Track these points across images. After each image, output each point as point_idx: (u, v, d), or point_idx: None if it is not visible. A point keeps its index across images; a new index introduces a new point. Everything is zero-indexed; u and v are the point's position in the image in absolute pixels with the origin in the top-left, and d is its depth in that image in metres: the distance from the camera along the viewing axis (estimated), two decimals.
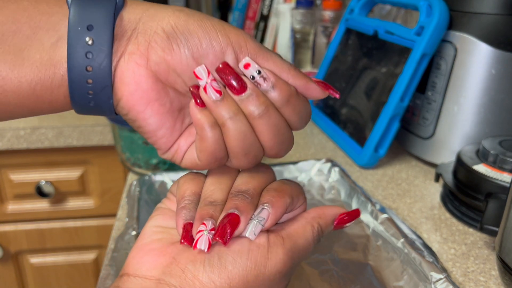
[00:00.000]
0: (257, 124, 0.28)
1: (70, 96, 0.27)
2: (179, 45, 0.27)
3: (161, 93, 0.28)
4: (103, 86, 0.27)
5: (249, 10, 1.28)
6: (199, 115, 0.28)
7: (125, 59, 0.27)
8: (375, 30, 0.76)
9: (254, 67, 0.28)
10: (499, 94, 0.62)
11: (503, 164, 0.53)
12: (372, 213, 0.51)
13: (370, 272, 0.45)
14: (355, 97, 0.78)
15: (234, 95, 0.27)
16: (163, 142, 0.30)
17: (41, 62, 0.26)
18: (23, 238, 0.96)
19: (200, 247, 0.26)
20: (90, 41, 0.26)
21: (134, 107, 0.28)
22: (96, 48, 0.26)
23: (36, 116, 0.29)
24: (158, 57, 0.27)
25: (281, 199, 0.29)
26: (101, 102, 0.28)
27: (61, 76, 0.27)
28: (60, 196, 0.95)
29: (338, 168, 0.61)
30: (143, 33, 0.27)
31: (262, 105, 0.27)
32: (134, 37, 0.27)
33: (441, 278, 0.40)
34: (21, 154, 0.90)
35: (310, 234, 0.30)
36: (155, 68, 0.27)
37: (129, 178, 0.68)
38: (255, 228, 0.28)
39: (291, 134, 0.30)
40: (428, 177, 0.68)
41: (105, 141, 0.89)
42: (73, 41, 0.26)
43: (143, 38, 0.27)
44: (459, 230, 0.55)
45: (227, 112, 0.27)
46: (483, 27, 0.62)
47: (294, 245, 0.29)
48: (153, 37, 0.27)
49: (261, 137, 0.28)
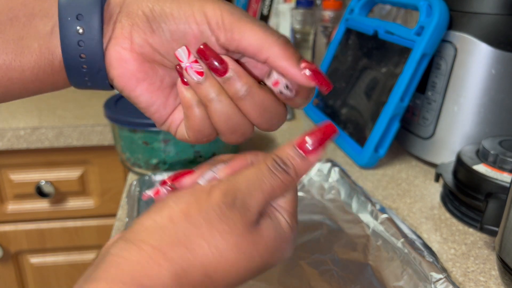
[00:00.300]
0: (242, 104, 0.28)
1: (69, 79, 0.29)
2: (158, 28, 0.27)
3: (149, 73, 0.29)
4: (97, 70, 0.28)
5: (249, 10, 1.28)
6: (184, 93, 0.29)
7: (112, 44, 0.28)
8: (375, 30, 0.76)
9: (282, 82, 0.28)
10: (499, 94, 0.62)
11: (503, 164, 0.53)
12: (372, 213, 0.51)
13: (370, 272, 0.45)
14: (355, 97, 0.78)
15: (217, 77, 0.28)
16: (157, 116, 0.31)
17: (40, 50, 0.28)
18: (23, 238, 0.96)
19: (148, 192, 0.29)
20: (81, 29, 0.27)
21: (125, 87, 0.29)
22: (87, 37, 0.27)
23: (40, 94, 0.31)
24: (141, 40, 0.28)
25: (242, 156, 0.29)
26: (98, 83, 0.29)
27: (59, 63, 0.28)
28: (60, 196, 0.95)
29: (338, 168, 0.61)
30: (126, 16, 0.28)
31: (245, 85, 0.27)
32: (119, 20, 0.28)
33: (441, 278, 0.40)
34: (21, 154, 0.90)
35: (263, 163, 0.27)
36: (140, 50, 0.28)
37: (129, 178, 0.68)
38: (206, 174, 0.28)
39: (281, 109, 0.29)
40: (428, 177, 0.68)
41: (105, 141, 0.89)
42: (64, 31, 0.27)
43: (126, 22, 0.28)
44: (459, 230, 0.55)
45: (209, 93, 0.28)
46: (483, 27, 0.62)
47: (240, 177, 0.26)
48: (135, 20, 0.28)
49: (248, 116, 0.29)
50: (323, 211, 0.55)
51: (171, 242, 0.25)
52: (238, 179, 0.26)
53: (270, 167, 0.27)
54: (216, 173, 0.28)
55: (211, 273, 0.25)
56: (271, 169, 0.27)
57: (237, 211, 0.25)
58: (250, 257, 0.26)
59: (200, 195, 0.26)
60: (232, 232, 0.25)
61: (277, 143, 0.80)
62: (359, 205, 0.54)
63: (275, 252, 0.27)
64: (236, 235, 0.25)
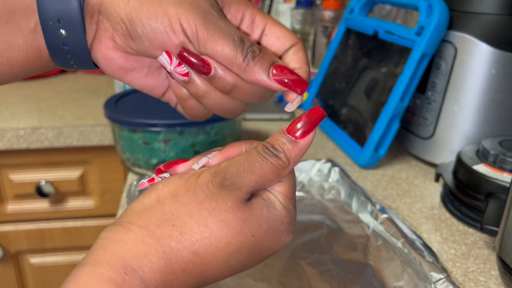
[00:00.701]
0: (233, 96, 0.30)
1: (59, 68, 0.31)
2: (137, 37, 0.28)
3: (135, 64, 0.30)
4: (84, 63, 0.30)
5: None
6: (177, 90, 0.31)
7: (96, 44, 0.29)
8: (375, 30, 0.76)
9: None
10: (499, 94, 0.62)
11: (503, 164, 0.53)
12: (372, 213, 0.51)
13: (370, 272, 0.45)
14: (355, 97, 0.78)
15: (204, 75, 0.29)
16: (154, 94, 0.32)
17: (26, 46, 0.28)
18: (23, 238, 0.96)
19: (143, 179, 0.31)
20: (64, 32, 0.28)
21: (114, 76, 0.31)
22: (71, 40, 0.28)
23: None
24: (123, 43, 0.29)
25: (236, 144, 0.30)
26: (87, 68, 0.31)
27: (47, 57, 0.29)
28: (60, 196, 0.95)
29: (338, 168, 0.61)
30: (107, 18, 0.28)
31: (231, 79, 0.29)
32: (101, 21, 0.28)
33: (441, 278, 0.40)
34: (21, 154, 0.90)
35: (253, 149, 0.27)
36: (123, 49, 0.29)
37: (129, 178, 0.68)
38: (200, 160, 0.28)
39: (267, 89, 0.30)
40: (428, 177, 0.68)
41: (105, 141, 0.89)
42: (48, 34, 0.28)
43: (107, 24, 0.28)
44: (459, 230, 0.55)
45: (198, 90, 0.29)
46: (483, 27, 0.62)
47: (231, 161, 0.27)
48: (115, 26, 0.28)
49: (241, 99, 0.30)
50: (323, 211, 0.55)
51: (158, 221, 0.25)
52: (229, 163, 0.27)
53: (261, 152, 0.27)
54: (210, 159, 0.28)
55: (201, 251, 0.24)
56: (261, 153, 0.27)
57: (226, 190, 0.25)
58: (241, 234, 0.25)
59: (189, 177, 0.26)
60: (220, 208, 0.25)
61: None
62: (359, 205, 0.54)
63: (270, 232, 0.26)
64: (225, 211, 0.25)
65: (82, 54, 0.29)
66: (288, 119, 0.91)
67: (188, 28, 0.27)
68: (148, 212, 0.25)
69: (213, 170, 0.26)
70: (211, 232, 0.24)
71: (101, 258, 0.23)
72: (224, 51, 0.27)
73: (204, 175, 0.26)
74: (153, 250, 0.24)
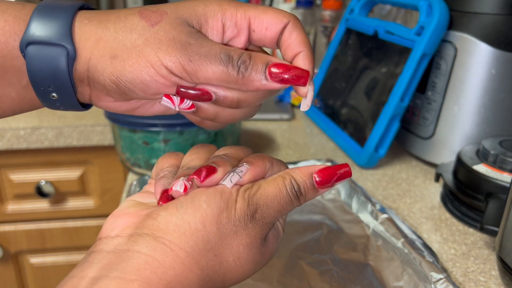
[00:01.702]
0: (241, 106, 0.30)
1: None
2: (131, 91, 0.28)
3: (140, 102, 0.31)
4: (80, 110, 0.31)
5: None
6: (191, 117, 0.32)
7: (95, 100, 0.30)
8: (375, 30, 0.76)
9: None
10: (499, 94, 0.62)
11: (503, 164, 0.53)
12: (372, 213, 0.51)
13: (370, 272, 0.45)
14: (355, 97, 0.78)
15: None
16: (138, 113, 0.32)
17: (19, 98, 0.29)
18: (23, 238, 0.96)
19: (175, 188, 0.27)
20: (55, 94, 0.28)
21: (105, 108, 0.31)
22: (63, 101, 0.29)
23: None
24: (120, 97, 0.29)
25: (261, 160, 0.29)
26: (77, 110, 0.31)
27: (40, 105, 0.30)
28: (60, 196, 0.95)
29: None
30: (97, 83, 0.28)
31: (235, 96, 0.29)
32: (92, 85, 0.29)
33: (441, 278, 0.40)
34: (21, 154, 0.90)
35: (281, 183, 0.29)
36: (123, 100, 0.30)
37: (129, 178, 0.68)
38: (232, 177, 0.28)
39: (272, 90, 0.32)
40: (428, 177, 0.68)
41: (105, 141, 0.89)
42: (40, 96, 0.29)
43: (99, 87, 0.28)
44: (459, 230, 0.55)
45: (208, 115, 0.30)
46: (483, 27, 0.62)
47: (261, 191, 0.28)
48: (107, 88, 0.28)
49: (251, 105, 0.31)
50: (323, 211, 0.55)
51: (204, 249, 0.26)
52: (260, 193, 0.28)
53: (288, 191, 0.29)
54: (241, 177, 0.28)
55: (228, 279, 0.27)
56: (288, 193, 0.29)
57: (257, 225, 0.28)
58: (258, 265, 0.29)
59: (229, 202, 0.27)
60: (252, 245, 0.27)
61: (277, 143, 0.80)
62: (359, 205, 0.54)
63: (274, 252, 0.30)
64: (255, 248, 0.28)
65: (77, 108, 0.30)
66: (289, 120, 0.91)
67: (174, 68, 0.27)
68: (194, 236, 0.25)
69: (247, 200, 0.27)
70: (241, 265, 0.27)
71: (150, 279, 0.23)
72: (216, 74, 0.27)
73: (240, 204, 0.27)
74: (196, 278, 0.25)
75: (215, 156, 0.30)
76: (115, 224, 0.27)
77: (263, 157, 0.30)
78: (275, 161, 0.31)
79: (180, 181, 0.27)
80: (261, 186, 0.28)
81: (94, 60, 0.27)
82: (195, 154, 0.31)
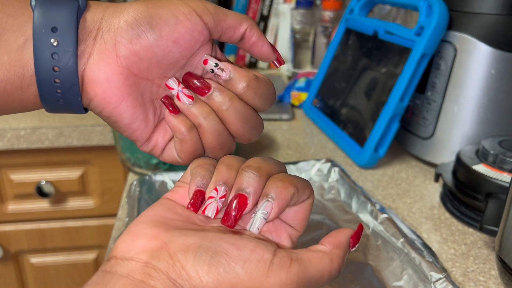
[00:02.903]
0: (226, 116, 0.30)
1: (40, 95, 0.28)
2: (145, 30, 0.28)
3: (133, 87, 0.29)
4: (70, 84, 0.28)
5: (249, 11, 1.28)
6: (175, 122, 0.31)
7: (94, 60, 0.28)
8: (375, 30, 0.76)
9: (212, 61, 0.31)
10: (499, 94, 0.62)
11: (503, 164, 0.53)
12: (372, 213, 0.51)
13: (370, 272, 0.45)
14: (355, 97, 0.78)
15: (201, 97, 0.30)
16: (139, 134, 0.31)
17: (10, 63, 0.27)
18: (23, 238, 0.96)
19: (208, 213, 0.28)
20: (55, 42, 0.27)
21: (109, 104, 0.29)
22: (62, 49, 0.27)
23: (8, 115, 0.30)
24: (127, 50, 0.28)
25: (285, 189, 0.28)
26: (70, 100, 0.29)
27: (30, 76, 0.28)
28: (60, 196, 0.95)
29: (338, 168, 0.61)
30: (108, 30, 0.28)
31: (227, 97, 0.30)
32: (100, 36, 0.28)
33: (441, 278, 0.40)
34: (21, 154, 0.90)
35: (327, 267, 0.28)
36: (126, 62, 0.28)
37: (129, 178, 0.68)
38: (259, 223, 0.28)
39: (258, 118, 0.32)
40: (428, 177, 0.68)
41: (105, 141, 0.89)
42: (38, 42, 0.27)
43: (108, 36, 0.28)
44: (459, 230, 0.55)
45: (200, 113, 0.30)
46: (483, 27, 0.62)
47: (303, 271, 0.27)
48: (118, 32, 0.28)
49: (231, 128, 0.31)
50: (323, 211, 0.55)
51: None
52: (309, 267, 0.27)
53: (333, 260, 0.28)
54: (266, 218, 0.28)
55: None
56: (332, 261, 0.28)
57: None
58: None
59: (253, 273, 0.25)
60: None
61: (277, 143, 0.80)
62: (359, 205, 0.54)
63: None
64: None
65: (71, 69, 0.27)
66: (289, 120, 0.91)
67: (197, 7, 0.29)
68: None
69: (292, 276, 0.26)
70: None
71: None
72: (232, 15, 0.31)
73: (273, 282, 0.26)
74: None
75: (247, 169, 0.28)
76: (132, 245, 0.26)
77: (288, 184, 0.28)
78: (300, 185, 0.29)
79: (214, 204, 0.28)
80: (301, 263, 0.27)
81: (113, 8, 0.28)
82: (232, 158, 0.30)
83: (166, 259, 0.25)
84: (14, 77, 0.27)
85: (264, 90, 0.31)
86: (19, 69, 0.27)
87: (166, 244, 0.26)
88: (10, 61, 0.27)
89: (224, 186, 0.28)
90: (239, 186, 0.28)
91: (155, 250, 0.25)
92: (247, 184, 0.28)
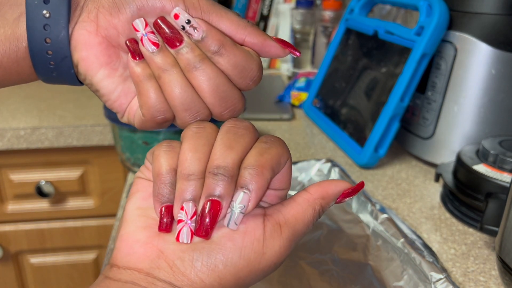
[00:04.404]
0: (194, 77, 0.28)
1: (34, 67, 0.28)
2: (125, 6, 0.28)
3: (113, 57, 0.29)
4: (62, 57, 0.28)
5: (249, 10, 1.28)
6: (135, 68, 0.28)
7: (77, 27, 0.28)
8: (375, 30, 0.76)
9: (183, 16, 0.28)
10: (499, 94, 0.62)
11: (503, 164, 0.53)
12: (372, 213, 0.51)
13: (370, 272, 0.45)
14: (355, 97, 0.78)
15: (170, 48, 0.28)
16: (118, 105, 0.30)
17: (5, 36, 0.28)
18: (23, 238, 0.96)
19: (182, 240, 0.26)
20: (47, 14, 0.27)
21: (88, 71, 0.29)
22: (53, 21, 0.27)
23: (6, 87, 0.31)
24: (107, 22, 0.28)
25: (260, 177, 0.26)
26: (63, 72, 0.29)
27: (24, 49, 0.28)
28: (60, 196, 0.95)
29: (338, 168, 0.61)
30: (93, 1, 0.28)
31: (198, 57, 0.28)
32: (86, 5, 0.28)
33: (441, 278, 0.40)
34: (21, 154, 0.90)
35: (311, 217, 0.28)
36: (105, 33, 0.28)
37: (129, 178, 0.68)
38: (237, 218, 0.26)
39: (235, 92, 0.29)
40: (428, 177, 0.68)
41: (105, 141, 0.89)
42: (31, 14, 0.27)
43: (92, 5, 0.28)
44: (459, 230, 0.55)
45: (163, 63, 0.28)
46: (483, 27, 0.62)
47: (292, 232, 0.27)
48: (101, 3, 0.28)
49: (200, 92, 0.28)
50: None
51: None
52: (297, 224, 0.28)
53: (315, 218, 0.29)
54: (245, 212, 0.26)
55: None
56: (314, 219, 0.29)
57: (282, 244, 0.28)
58: None
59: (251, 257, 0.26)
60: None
61: None
62: (359, 205, 0.54)
63: None
64: None
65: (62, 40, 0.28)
66: (289, 120, 0.91)
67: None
68: None
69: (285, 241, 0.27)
70: None
71: None
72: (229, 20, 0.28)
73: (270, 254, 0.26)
74: None
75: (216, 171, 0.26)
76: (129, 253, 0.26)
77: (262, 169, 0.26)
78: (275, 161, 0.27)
79: (186, 228, 0.26)
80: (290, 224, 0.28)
81: None
82: (193, 152, 0.27)
83: (166, 269, 0.25)
84: (10, 50, 0.28)
85: (241, 61, 0.28)
86: (14, 42, 0.28)
87: (162, 253, 0.26)
88: (5, 34, 0.28)
89: (191, 202, 0.26)
90: (209, 192, 0.26)
91: (152, 259, 0.25)
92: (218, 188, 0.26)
